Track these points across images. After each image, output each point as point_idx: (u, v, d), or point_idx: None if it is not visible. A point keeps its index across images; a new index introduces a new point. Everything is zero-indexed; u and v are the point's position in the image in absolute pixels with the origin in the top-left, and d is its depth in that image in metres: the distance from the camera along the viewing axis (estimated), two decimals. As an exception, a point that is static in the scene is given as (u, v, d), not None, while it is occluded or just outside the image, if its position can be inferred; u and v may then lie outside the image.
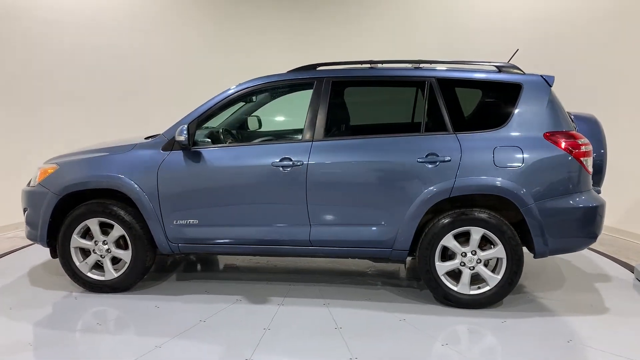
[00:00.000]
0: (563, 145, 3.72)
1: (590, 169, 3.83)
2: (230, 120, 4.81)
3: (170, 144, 4.04)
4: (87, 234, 4.16)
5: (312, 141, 3.94)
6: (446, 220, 3.79)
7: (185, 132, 3.86)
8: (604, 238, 5.58)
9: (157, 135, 4.78)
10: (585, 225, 3.80)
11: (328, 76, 4.05)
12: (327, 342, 3.36)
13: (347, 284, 4.44)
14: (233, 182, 3.99)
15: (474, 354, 3.26)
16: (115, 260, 4.17)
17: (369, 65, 4.17)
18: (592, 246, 4.50)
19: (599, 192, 4.08)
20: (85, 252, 4.19)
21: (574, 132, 3.82)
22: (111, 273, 4.14)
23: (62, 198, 4.07)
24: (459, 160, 3.74)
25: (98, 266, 4.21)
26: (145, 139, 4.58)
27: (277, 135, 5.10)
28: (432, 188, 3.75)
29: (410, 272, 4.81)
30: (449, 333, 3.55)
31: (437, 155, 3.77)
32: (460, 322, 3.70)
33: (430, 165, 3.77)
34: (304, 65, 4.21)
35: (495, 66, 4.04)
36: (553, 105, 3.85)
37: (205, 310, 3.84)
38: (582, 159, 3.73)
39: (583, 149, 3.75)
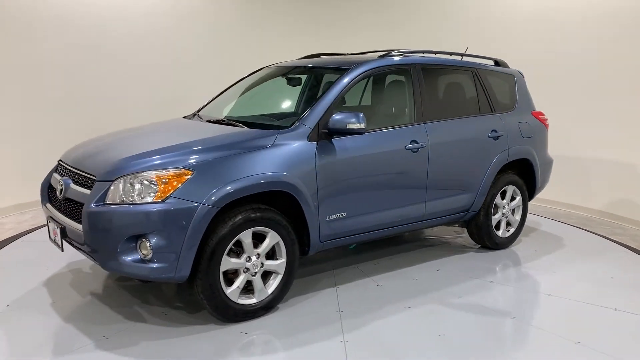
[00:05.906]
0: (542, 120, 5.27)
1: None
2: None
3: (316, 133, 3.61)
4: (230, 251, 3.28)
5: (424, 123, 4.25)
6: (501, 183, 4.82)
7: (364, 118, 3.56)
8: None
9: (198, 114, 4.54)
10: (549, 173, 5.49)
11: (418, 62, 4.38)
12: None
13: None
14: (380, 168, 3.94)
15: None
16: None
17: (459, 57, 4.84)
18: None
19: None
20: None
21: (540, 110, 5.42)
22: (265, 291, 3.43)
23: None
24: (507, 134, 4.81)
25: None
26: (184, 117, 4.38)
27: None
28: (499, 156, 4.72)
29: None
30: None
31: (496, 131, 4.74)
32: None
33: (494, 139, 4.71)
34: (388, 50, 4.40)
35: (494, 60, 5.21)
36: (527, 91, 5.33)
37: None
38: (547, 129, 5.39)
39: (547, 122, 5.40)
